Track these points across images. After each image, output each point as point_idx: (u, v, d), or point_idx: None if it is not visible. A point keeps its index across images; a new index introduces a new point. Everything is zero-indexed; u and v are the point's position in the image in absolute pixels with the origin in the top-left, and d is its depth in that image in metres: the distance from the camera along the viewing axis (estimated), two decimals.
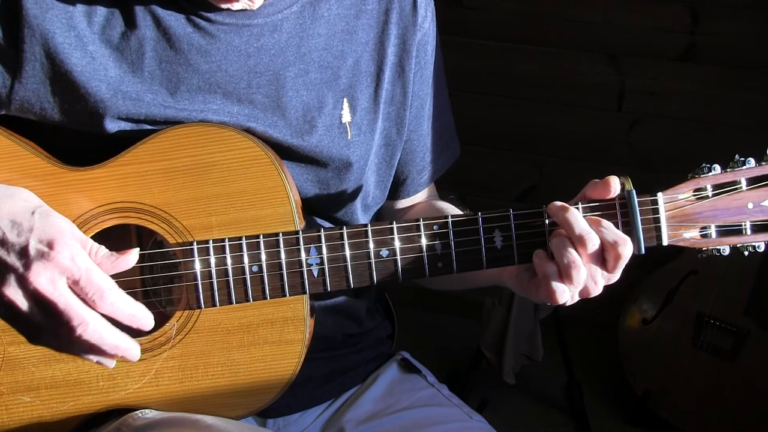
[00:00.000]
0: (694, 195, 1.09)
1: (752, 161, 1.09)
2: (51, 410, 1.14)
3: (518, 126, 2.98)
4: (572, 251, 1.04)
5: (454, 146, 1.45)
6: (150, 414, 1.13)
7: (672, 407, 2.57)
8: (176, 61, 1.14)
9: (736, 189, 1.09)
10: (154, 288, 1.14)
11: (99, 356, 1.06)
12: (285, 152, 1.19)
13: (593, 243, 1.04)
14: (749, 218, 1.09)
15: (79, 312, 1.00)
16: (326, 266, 1.10)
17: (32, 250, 0.99)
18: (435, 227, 1.10)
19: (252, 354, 1.14)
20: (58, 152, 1.15)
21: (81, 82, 1.11)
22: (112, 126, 1.13)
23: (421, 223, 1.10)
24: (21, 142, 1.13)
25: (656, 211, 1.08)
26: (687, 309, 2.52)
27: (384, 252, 1.10)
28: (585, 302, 1.09)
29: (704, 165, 1.09)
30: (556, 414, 2.77)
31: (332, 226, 1.15)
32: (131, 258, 1.06)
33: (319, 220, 1.29)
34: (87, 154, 1.14)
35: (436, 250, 1.11)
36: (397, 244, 1.10)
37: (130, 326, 1.05)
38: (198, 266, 1.10)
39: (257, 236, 1.10)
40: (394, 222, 1.11)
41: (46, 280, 0.99)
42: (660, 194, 1.09)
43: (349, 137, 1.23)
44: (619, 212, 1.08)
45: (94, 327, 1.01)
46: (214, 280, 1.10)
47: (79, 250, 1.01)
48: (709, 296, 2.48)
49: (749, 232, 1.09)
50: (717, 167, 1.09)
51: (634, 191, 1.07)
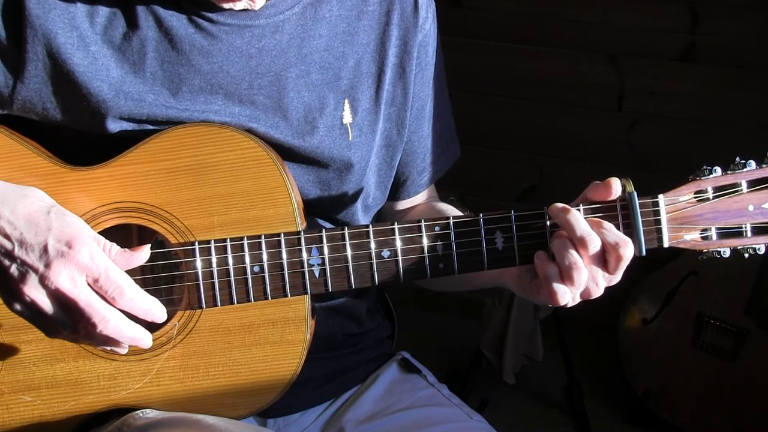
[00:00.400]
0: (695, 197, 1.09)
1: (753, 164, 1.09)
2: (52, 410, 1.14)
3: (518, 126, 2.98)
4: (573, 253, 1.04)
5: (455, 147, 1.45)
6: (151, 414, 1.14)
7: (672, 407, 2.57)
8: (178, 62, 1.14)
9: (737, 191, 1.09)
10: (156, 288, 1.14)
11: (114, 346, 1.08)
12: (286, 153, 1.20)
13: (594, 244, 1.04)
14: (750, 220, 1.09)
15: (100, 310, 1.02)
16: (328, 267, 1.11)
17: (52, 250, 1.00)
18: (436, 228, 1.10)
19: (253, 354, 1.14)
20: (60, 152, 1.15)
21: (83, 83, 1.11)
22: (114, 126, 1.14)
23: (423, 224, 1.10)
24: (23, 142, 1.13)
25: (657, 213, 1.08)
26: (687, 309, 2.52)
27: (385, 252, 1.11)
28: (585, 302, 1.09)
29: (705, 167, 1.09)
30: (556, 414, 2.77)
31: (333, 227, 1.15)
32: (144, 254, 1.08)
33: (320, 221, 1.29)
34: (89, 154, 1.14)
35: (438, 251, 1.11)
36: (399, 245, 1.10)
37: (144, 319, 1.07)
38: (199, 266, 1.10)
39: (259, 236, 1.10)
40: (396, 222, 1.11)
41: (67, 279, 1.00)
42: (661, 196, 1.09)
43: (350, 138, 1.23)
44: (620, 214, 1.08)
45: (115, 323, 1.03)
46: (216, 280, 1.10)
47: (97, 249, 1.03)
48: (709, 296, 2.48)
49: (750, 234, 1.10)
50: (718, 169, 1.09)
51: (635, 193, 1.07)
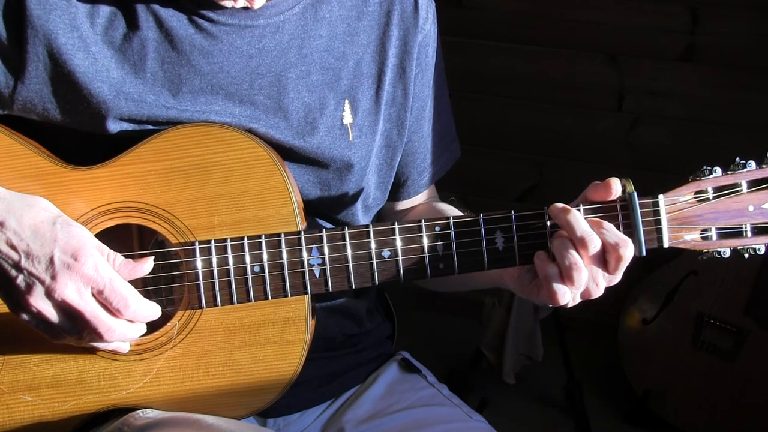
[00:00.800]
0: (695, 197, 1.09)
1: (753, 164, 1.09)
2: (52, 409, 1.14)
3: (518, 126, 2.97)
4: (573, 253, 1.04)
5: (455, 147, 1.45)
6: (151, 414, 1.14)
7: (672, 407, 2.57)
8: (178, 62, 1.14)
9: (737, 192, 1.09)
10: (156, 288, 1.14)
11: (117, 347, 1.11)
12: (286, 153, 1.20)
13: (594, 245, 1.04)
14: (750, 221, 1.09)
15: (105, 321, 1.04)
16: (328, 266, 1.11)
17: (58, 262, 1.01)
18: (437, 228, 1.10)
19: (253, 354, 1.14)
20: (61, 152, 1.15)
21: (83, 83, 1.11)
22: (114, 126, 1.14)
23: (423, 224, 1.10)
24: (23, 142, 1.13)
25: (657, 213, 1.08)
26: (687, 309, 2.52)
27: (386, 252, 1.11)
28: (585, 302, 1.09)
29: (705, 167, 1.09)
30: (556, 414, 2.76)
31: (334, 227, 1.15)
32: (147, 266, 1.09)
33: (320, 221, 1.29)
34: (89, 154, 1.14)
35: (438, 251, 1.11)
36: (399, 245, 1.10)
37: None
38: (200, 266, 1.10)
39: (259, 236, 1.10)
40: (396, 223, 1.11)
41: (73, 291, 1.02)
42: (661, 196, 1.09)
43: (351, 138, 1.23)
44: (621, 214, 1.08)
45: (121, 332, 1.06)
46: (216, 280, 1.10)
47: (102, 260, 1.04)
48: (709, 296, 2.48)
49: (750, 235, 1.10)
50: (718, 170, 1.09)
51: (636, 193, 1.07)
